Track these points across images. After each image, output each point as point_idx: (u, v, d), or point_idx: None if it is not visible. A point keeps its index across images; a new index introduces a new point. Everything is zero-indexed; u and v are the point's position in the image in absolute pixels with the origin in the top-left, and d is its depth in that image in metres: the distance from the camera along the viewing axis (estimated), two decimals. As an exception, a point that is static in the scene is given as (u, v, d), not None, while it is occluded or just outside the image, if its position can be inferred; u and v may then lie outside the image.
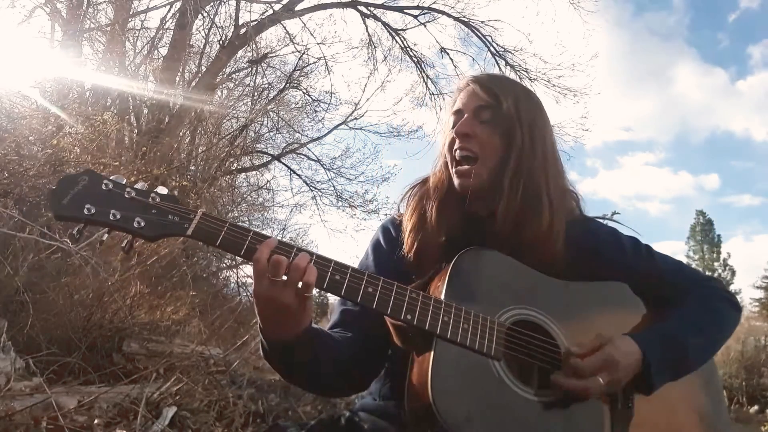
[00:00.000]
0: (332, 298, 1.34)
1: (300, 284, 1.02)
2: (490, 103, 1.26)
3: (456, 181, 1.27)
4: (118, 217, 1.01)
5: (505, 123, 1.25)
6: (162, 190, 1.07)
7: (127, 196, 1.03)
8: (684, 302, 1.24)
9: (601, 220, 1.37)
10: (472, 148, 1.25)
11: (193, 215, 1.05)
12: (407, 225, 1.30)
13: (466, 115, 1.27)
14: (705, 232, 37.15)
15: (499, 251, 1.20)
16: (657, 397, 1.17)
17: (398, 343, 1.14)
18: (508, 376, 1.08)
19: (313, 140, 13.27)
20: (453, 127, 1.28)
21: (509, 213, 1.21)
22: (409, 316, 1.06)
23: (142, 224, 1.02)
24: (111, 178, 1.04)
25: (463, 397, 1.03)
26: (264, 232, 1.08)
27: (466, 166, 1.25)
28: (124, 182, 1.05)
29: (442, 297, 1.12)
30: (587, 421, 1.11)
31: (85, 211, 1.00)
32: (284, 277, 1.01)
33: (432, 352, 1.05)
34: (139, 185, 1.06)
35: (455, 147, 1.26)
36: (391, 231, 1.37)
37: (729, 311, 1.27)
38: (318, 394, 2.99)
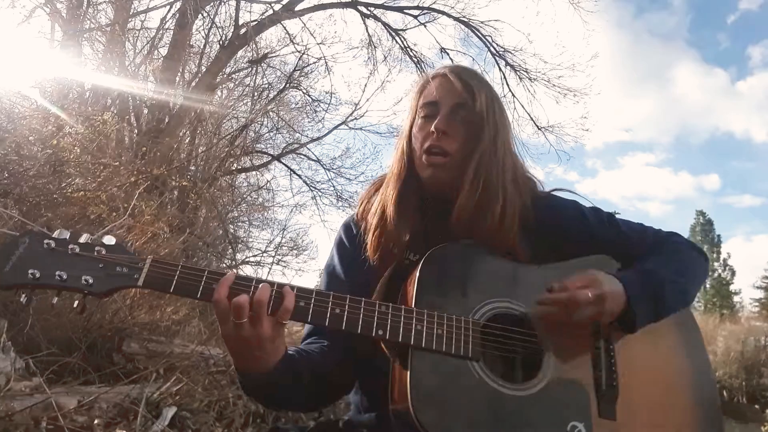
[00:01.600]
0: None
1: (273, 318, 1.00)
2: (466, 100, 1.26)
3: (426, 172, 1.26)
4: (65, 277, 0.97)
5: (476, 121, 1.26)
6: (108, 240, 1.03)
7: (70, 252, 0.99)
8: (657, 254, 1.26)
9: (559, 193, 1.36)
10: (447, 147, 1.24)
11: (142, 263, 1.01)
12: (368, 226, 1.29)
13: (443, 111, 1.26)
14: (705, 232, 37.19)
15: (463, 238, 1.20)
16: (642, 373, 1.17)
17: (385, 352, 1.13)
18: (488, 374, 1.07)
19: (313, 140, 13.25)
20: (425, 117, 1.28)
21: (465, 210, 1.22)
22: (380, 332, 1.05)
23: (91, 281, 0.98)
24: (53, 235, 1.01)
25: (444, 404, 1.03)
26: (219, 269, 1.03)
27: (440, 158, 1.24)
28: (66, 237, 1.01)
29: (413, 302, 1.10)
30: (573, 407, 1.10)
31: (30, 276, 0.95)
32: (251, 313, 0.98)
33: (409, 362, 1.05)
34: (82, 238, 1.02)
35: (429, 142, 1.25)
36: (352, 229, 1.37)
37: (697, 257, 1.30)
38: (302, 412, 2.96)
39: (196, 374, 3.67)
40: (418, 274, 1.13)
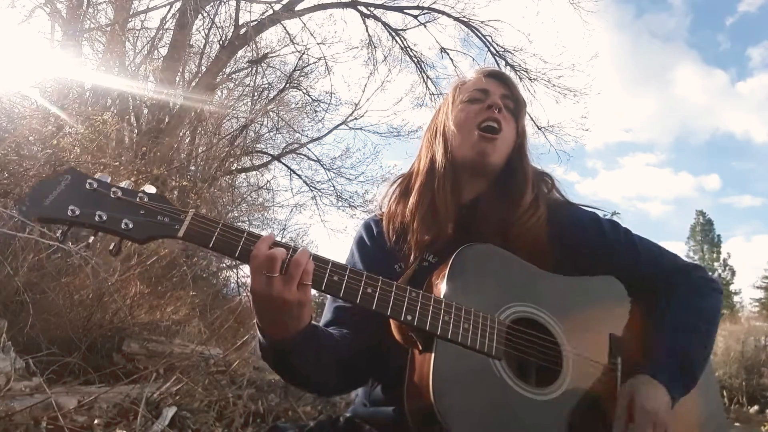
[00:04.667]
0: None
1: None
2: (510, 93, 1.36)
3: (477, 148, 1.28)
4: (105, 218, 0.96)
5: (518, 117, 1.35)
6: (150, 189, 1.02)
7: (113, 196, 0.98)
8: (676, 301, 1.25)
9: (583, 207, 1.38)
10: (501, 121, 1.30)
11: (184, 216, 1.00)
12: (415, 218, 1.28)
13: (495, 95, 1.33)
14: (705, 232, 37.18)
15: (491, 240, 1.21)
16: None
17: (399, 340, 1.13)
18: (509, 375, 1.07)
19: (313, 140, 13.28)
20: (472, 101, 1.33)
21: (528, 207, 1.27)
22: (409, 317, 1.05)
23: (130, 226, 0.97)
24: (96, 176, 1.00)
25: (464, 398, 1.03)
26: (259, 232, 1.04)
27: (492, 134, 1.29)
28: (109, 181, 1.00)
29: (442, 294, 1.10)
30: (589, 418, 1.11)
31: (69, 213, 0.94)
32: (282, 273, 0.99)
33: (433, 353, 1.04)
34: (124, 184, 1.01)
35: (485, 116, 1.30)
36: (373, 228, 1.38)
37: (716, 300, 1.30)
38: (317, 393, 2.94)
39: (196, 374, 3.67)
40: (448, 269, 1.13)
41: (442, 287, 1.12)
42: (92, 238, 1.01)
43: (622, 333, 1.23)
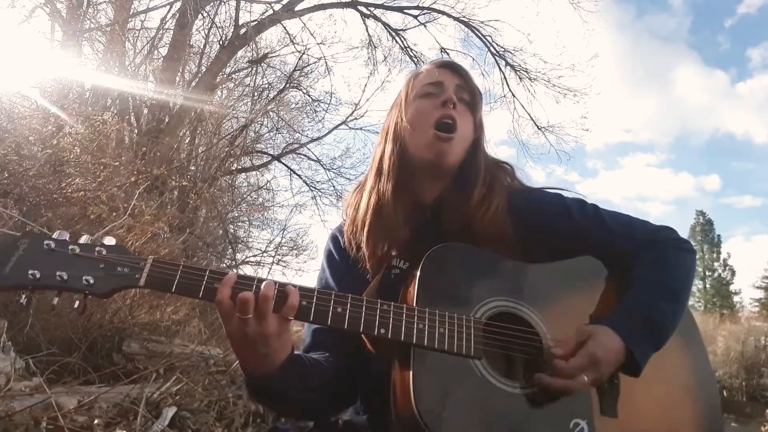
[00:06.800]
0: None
1: (278, 315, 1.00)
2: (465, 84, 1.31)
3: (433, 149, 1.24)
4: (65, 277, 0.97)
5: (475, 110, 1.31)
6: (108, 240, 1.03)
7: (71, 253, 1.00)
8: (645, 264, 1.22)
9: (545, 189, 1.35)
10: (456, 118, 1.26)
11: (143, 263, 1.01)
12: (364, 227, 1.26)
13: (450, 89, 1.28)
14: (705, 232, 37.19)
15: (457, 237, 1.20)
16: (644, 371, 1.15)
17: (376, 354, 1.12)
18: (490, 373, 1.07)
19: (313, 140, 13.26)
20: (427, 96, 1.29)
21: (481, 200, 1.24)
22: (383, 330, 1.05)
23: (91, 281, 0.99)
24: (52, 236, 1.01)
25: (447, 403, 1.03)
26: (220, 269, 1.03)
27: (448, 134, 1.24)
28: (66, 239, 1.02)
29: (416, 299, 1.10)
30: (575, 406, 1.10)
31: (30, 277, 0.95)
32: (256, 310, 0.98)
33: (411, 362, 1.04)
34: (83, 239, 1.03)
35: (442, 113, 1.25)
36: (339, 240, 1.35)
37: (687, 260, 1.26)
38: (311, 419, 2.92)
39: (196, 374, 3.67)
40: (418, 275, 1.12)
41: (414, 293, 1.11)
42: (56, 299, 1.01)
43: (603, 311, 1.21)
